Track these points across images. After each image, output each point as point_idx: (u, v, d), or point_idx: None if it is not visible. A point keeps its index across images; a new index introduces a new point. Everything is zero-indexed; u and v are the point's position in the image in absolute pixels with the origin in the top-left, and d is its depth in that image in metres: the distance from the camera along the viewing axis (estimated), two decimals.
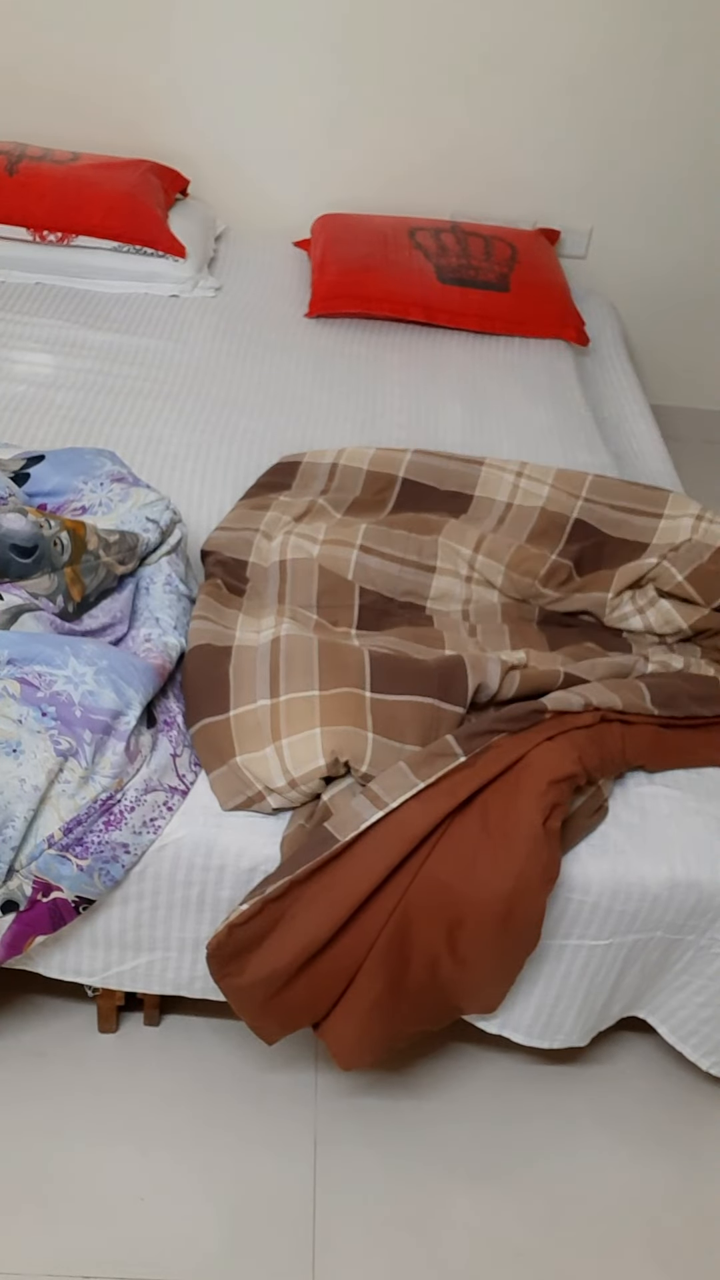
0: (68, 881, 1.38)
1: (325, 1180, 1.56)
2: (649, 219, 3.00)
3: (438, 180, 2.93)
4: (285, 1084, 1.66)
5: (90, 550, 1.58)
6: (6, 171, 2.59)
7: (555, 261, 2.82)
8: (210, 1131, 1.60)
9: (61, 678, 1.41)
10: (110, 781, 1.39)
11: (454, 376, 2.46)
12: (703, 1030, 1.59)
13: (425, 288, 2.61)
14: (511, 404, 2.38)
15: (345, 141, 2.88)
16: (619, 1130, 1.66)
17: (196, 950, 1.50)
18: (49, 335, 2.40)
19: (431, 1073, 1.70)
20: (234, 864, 1.43)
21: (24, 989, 1.69)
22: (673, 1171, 1.63)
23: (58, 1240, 1.47)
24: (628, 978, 1.55)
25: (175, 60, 2.77)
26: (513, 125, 2.86)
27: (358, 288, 2.60)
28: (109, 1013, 1.67)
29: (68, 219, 2.56)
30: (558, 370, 2.53)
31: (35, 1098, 1.60)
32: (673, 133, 2.87)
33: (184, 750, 1.48)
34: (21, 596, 1.50)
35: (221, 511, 1.95)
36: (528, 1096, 1.69)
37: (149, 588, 1.66)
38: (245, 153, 2.91)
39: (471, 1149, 1.62)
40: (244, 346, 2.47)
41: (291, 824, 1.44)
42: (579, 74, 2.78)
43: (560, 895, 1.45)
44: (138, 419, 2.16)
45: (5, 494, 1.61)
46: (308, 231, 2.92)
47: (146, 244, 2.59)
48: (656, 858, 1.46)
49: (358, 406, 2.31)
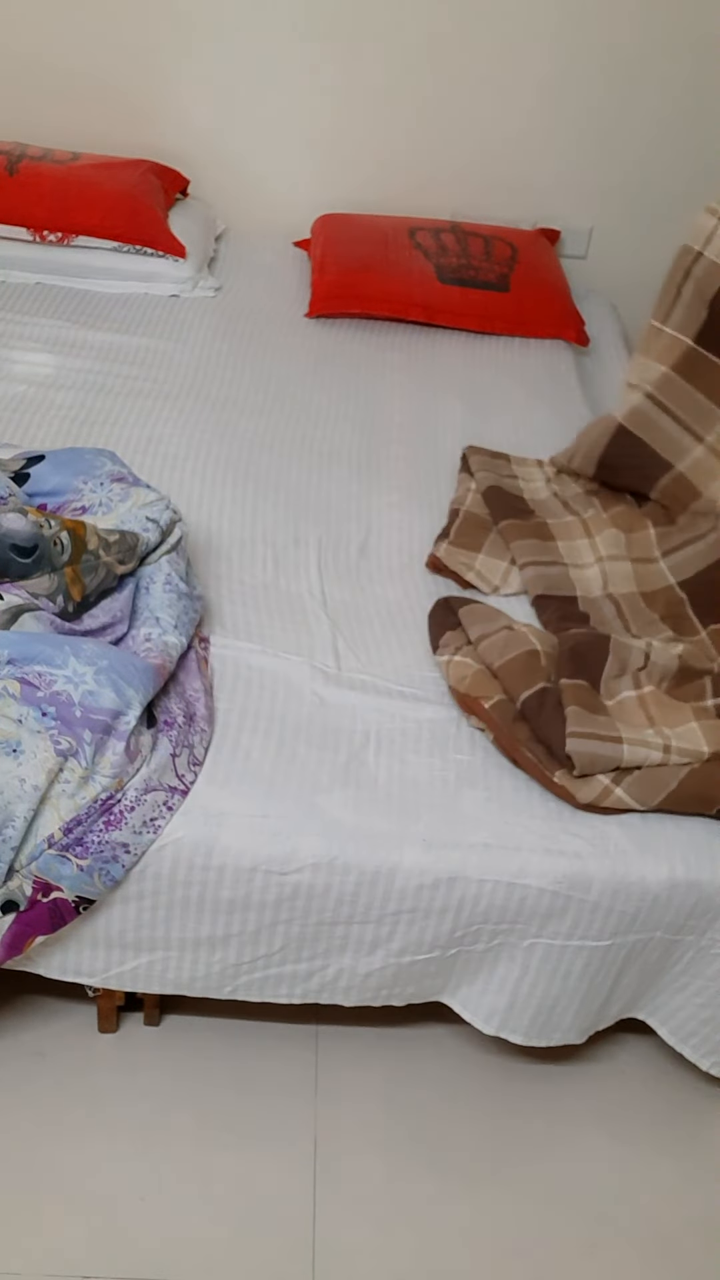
0: (68, 881, 1.38)
1: (325, 1180, 1.56)
2: (649, 219, 3.00)
3: (438, 180, 2.93)
4: (285, 1083, 1.66)
5: (90, 550, 1.58)
6: (7, 171, 2.59)
7: (555, 261, 2.82)
8: (210, 1131, 1.60)
9: (61, 677, 1.41)
10: (110, 781, 1.39)
11: (454, 377, 2.46)
12: (702, 1031, 1.59)
13: (425, 288, 2.61)
14: (511, 404, 2.38)
15: (345, 141, 2.88)
16: (618, 1129, 1.67)
17: (197, 950, 1.50)
18: (49, 335, 2.40)
19: (431, 1072, 1.70)
20: (234, 864, 1.43)
21: (24, 989, 1.69)
22: (672, 1170, 1.63)
23: (58, 1240, 1.47)
24: (627, 978, 1.55)
25: (175, 60, 2.77)
26: (513, 125, 2.85)
27: (358, 288, 2.60)
28: (109, 1012, 1.67)
29: (68, 219, 2.56)
30: (558, 370, 2.54)
31: (35, 1097, 1.60)
32: (672, 132, 2.86)
33: (184, 750, 1.48)
34: (22, 596, 1.50)
35: (222, 511, 1.95)
36: (527, 1095, 1.69)
37: (149, 587, 1.66)
38: (245, 153, 2.91)
39: (471, 1148, 1.62)
40: (244, 346, 2.47)
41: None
42: (579, 74, 2.78)
43: (561, 895, 1.45)
44: (138, 419, 2.16)
45: (5, 494, 1.61)
46: (308, 231, 2.92)
47: (146, 244, 2.60)
48: (657, 858, 1.46)
49: (358, 406, 2.31)
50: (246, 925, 1.48)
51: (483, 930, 1.49)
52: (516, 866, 1.45)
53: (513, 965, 1.52)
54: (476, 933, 1.49)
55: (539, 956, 1.50)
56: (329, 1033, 1.72)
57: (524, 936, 1.49)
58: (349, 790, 1.49)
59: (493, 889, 1.45)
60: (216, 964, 1.52)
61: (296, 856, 1.43)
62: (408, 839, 1.45)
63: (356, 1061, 1.70)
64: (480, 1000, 1.57)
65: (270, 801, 1.46)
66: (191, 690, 1.56)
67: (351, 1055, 1.70)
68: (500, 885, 1.45)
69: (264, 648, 1.69)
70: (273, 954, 1.51)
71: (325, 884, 1.44)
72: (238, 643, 1.69)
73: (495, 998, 1.56)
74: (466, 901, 1.46)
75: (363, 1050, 1.71)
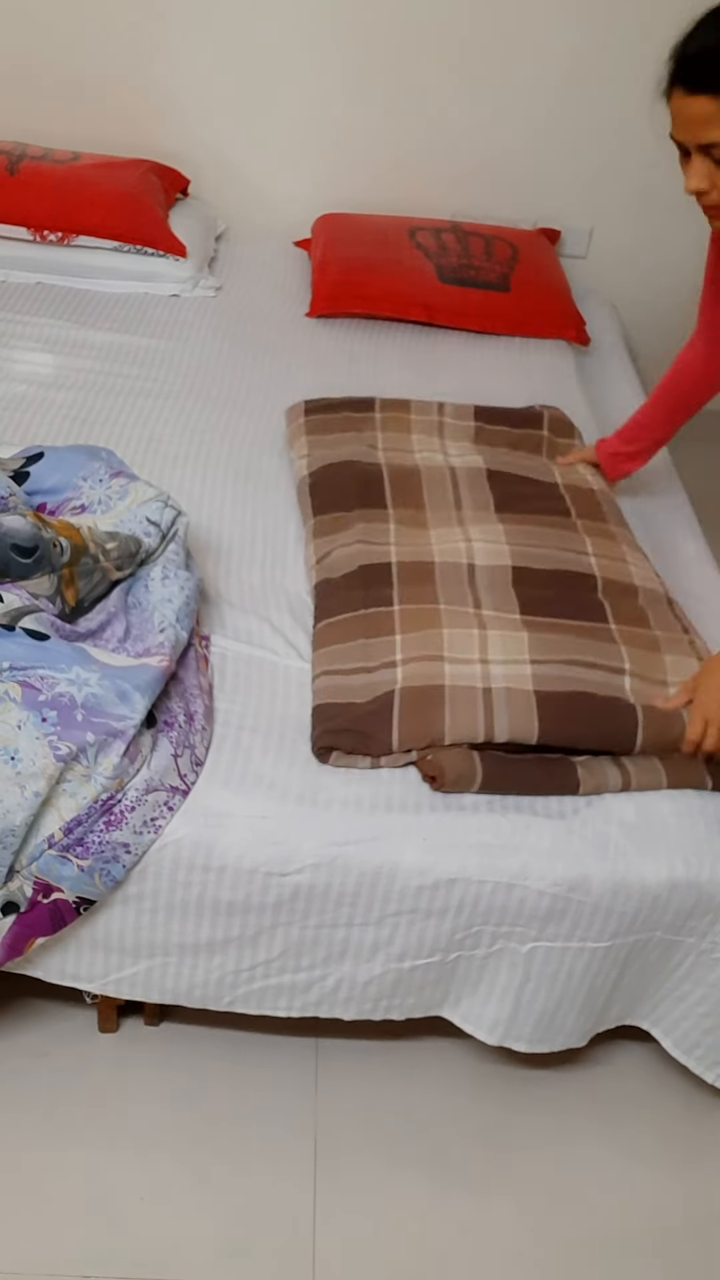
0: (68, 882, 1.38)
1: (325, 1179, 1.56)
2: (649, 219, 2.99)
3: (438, 180, 2.93)
4: (286, 1083, 1.66)
5: (89, 554, 1.57)
6: (7, 171, 2.59)
7: (556, 261, 2.82)
8: (210, 1131, 1.60)
9: (64, 680, 1.41)
10: (111, 782, 1.39)
11: (454, 376, 2.46)
12: (706, 1042, 1.59)
13: (426, 287, 2.61)
14: (512, 404, 2.37)
15: (345, 141, 2.88)
16: (618, 1131, 1.66)
17: (195, 955, 1.50)
18: (49, 335, 2.40)
19: (431, 1073, 1.70)
20: (234, 864, 1.43)
21: (25, 990, 1.68)
22: (671, 1172, 1.63)
23: (58, 1240, 1.47)
24: (627, 979, 1.55)
25: (175, 60, 2.77)
26: (513, 125, 2.85)
27: (358, 287, 2.60)
28: (109, 1013, 1.67)
29: (68, 219, 2.56)
30: (558, 370, 2.54)
31: (35, 1097, 1.60)
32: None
33: (185, 750, 1.48)
34: (23, 597, 1.50)
35: (222, 511, 1.95)
36: (526, 1099, 1.69)
37: (148, 584, 1.66)
38: (245, 153, 2.91)
39: (470, 1151, 1.62)
40: (244, 346, 2.47)
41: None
42: (579, 74, 2.78)
43: (561, 896, 1.45)
44: (138, 419, 2.16)
45: (6, 494, 1.61)
46: (308, 231, 2.92)
47: (147, 244, 2.59)
48: (656, 857, 1.46)
49: None
50: (246, 928, 1.48)
51: (483, 932, 1.49)
52: (516, 867, 1.45)
53: (514, 972, 1.52)
54: (477, 935, 1.49)
55: (539, 960, 1.50)
56: (329, 1031, 1.72)
57: (524, 940, 1.49)
58: (349, 790, 1.49)
59: (493, 890, 1.45)
60: (215, 970, 1.52)
61: (297, 857, 1.43)
62: (408, 839, 1.45)
63: (356, 1061, 1.70)
64: (482, 1012, 1.57)
65: (271, 802, 1.46)
66: (191, 689, 1.56)
67: (352, 1055, 1.70)
68: (500, 886, 1.45)
69: (264, 648, 1.69)
70: (271, 960, 1.51)
71: (325, 885, 1.44)
72: (238, 643, 1.69)
73: (498, 1008, 1.56)
74: (466, 902, 1.46)
75: (363, 1050, 1.71)
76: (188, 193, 2.90)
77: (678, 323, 3.16)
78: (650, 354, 3.18)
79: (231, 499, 1.99)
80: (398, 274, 2.62)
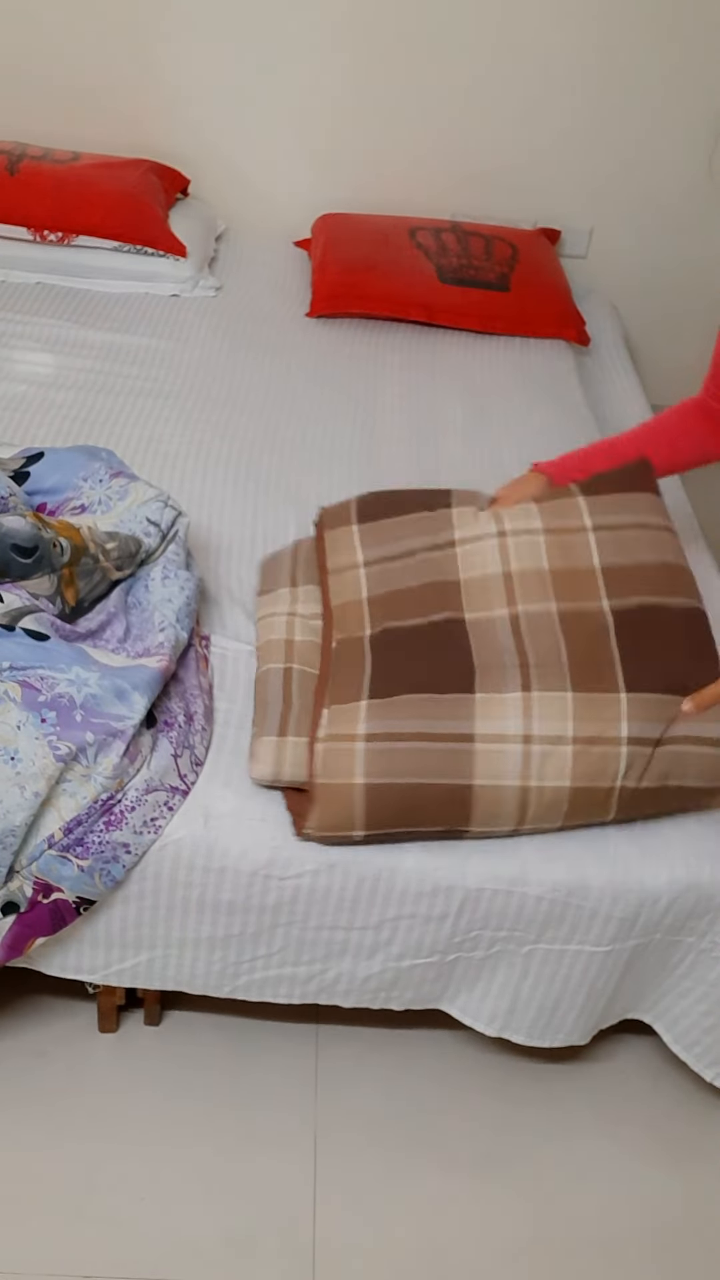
0: (68, 882, 1.38)
1: (325, 1179, 1.57)
2: (649, 219, 3.00)
3: (438, 180, 2.93)
4: (285, 1083, 1.66)
5: (89, 554, 1.57)
6: (7, 171, 2.59)
7: (556, 261, 2.82)
8: (210, 1131, 1.60)
9: (64, 680, 1.41)
10: (110, 782, 1.39)
11: (454, 376, 2.46)
12: (705, 1040, 1.59)
13: (426, 287, 2.61)
14: (512, 404, 2.38)
15: (345, 141, 2.88)
16: (618, 1128, 1.67)
17: (197, 949, 1.51)
18: (49, 335, 2.40)
19: (431, 1071, 1.70)
20: (234, 866, 1.43)
21: (25, 989, 1.69)
22: (671, 1169, 1.63)
23: (58, 1240, 1.47)
24: (628, 980, 1.55)
25: (175, 60, 2.76)
26: (513, 125, 2.85)
27: (358, 288, 2.60)
28: (109, 1012, 1.67)
29: (68, 219, 2.56)
30: (558, 370, 2.54)
31: (35, 1097, 1.60)
32: (673, 132, 2.86)
33: (185, 751, 1.48)
34: (23, 597, 1.50)
35: (222, 511, 1.95)
36: (527, 1094, 1.69)
37: (148, 584, 1.66)
38: (245, 153, 2.91)
39: (471, 1147, 1.62)
40: (244, 346, 2.47)
41: None
42: (579, 73, 2.78)
43: (560, 901, 1.45)
44: (137, 418, 2.16)
45: (6, 493, 1.61)
46: (308, 231, 2.92)
47: (147, 244, 2.59)
48: (656, 858, 1.46)
49: (358, 406, 2.31)
50: (247, 927, 1.48)
51: (481, 936, 1.49)
52: (514, 872, 1.45)
53: (512, 971, 1.52)
54: (475, 939, 1.49)
55: (539, 961, 1.50)
56: (329, 1032, 1.72)
57: (523, 943, 1.49)
58: None
59: (491, 896, 1.45)
60: (217, 962, 1.52)
61: (296, 861, 1.43)
62: (406, 845, 1.45)
63: (357, 1061, 1.70)
64: (480, 1006, 1.57)
65: (271, 803, 1.46)
66: (191, 689, 1.56)
67: (352, 1055, 1.70)
68: (499, 892, 1.45)
69: None
70: (272, 954, 1.51)
71: (325, 888, 1.44)
72: (238, 643, 1.69)
73: (496, 1002, 1.56)
74: (465, 907, 1.46)
75: (363, 1050, 1.71)
76: (188, 193, 2.90)
77: (678, 323, 3.17)
78: (650, 354, 3.19)
79: (231, 499, 1.99)
80: (398, 274, 2.62)
